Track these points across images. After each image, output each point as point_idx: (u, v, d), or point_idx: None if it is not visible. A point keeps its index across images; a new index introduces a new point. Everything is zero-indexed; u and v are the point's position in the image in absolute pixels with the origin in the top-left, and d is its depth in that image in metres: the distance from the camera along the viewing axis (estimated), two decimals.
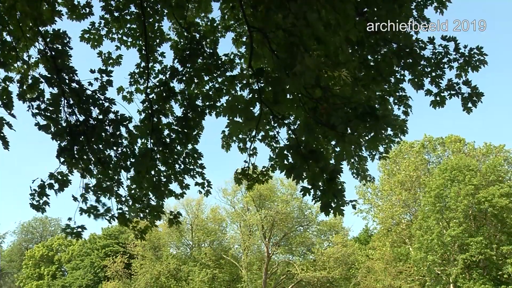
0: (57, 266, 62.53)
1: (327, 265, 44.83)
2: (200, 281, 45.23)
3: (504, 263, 33.60)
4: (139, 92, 8.34)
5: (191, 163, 7.66)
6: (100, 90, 6.99)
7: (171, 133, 7.41)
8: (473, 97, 7.83)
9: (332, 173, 5.80)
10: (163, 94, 7.86)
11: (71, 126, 6.36)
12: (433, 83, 8.09)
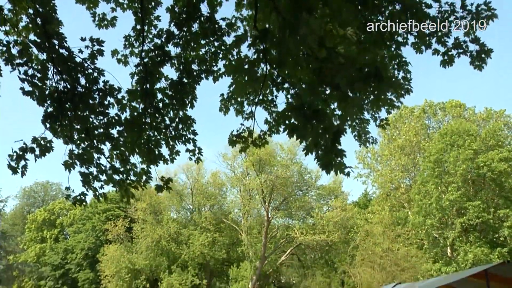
0: (59, 230, 63.24)
1: (326, 229, 45.26)
2: (200, 244, 45.77)
3: (501, 226, 33.91)
4: (134, 55, 8.15)
5: (183, 129, 7.52)
6: (90, 58, 6.82)
7: (164, 98, 7.26)
8: (482, 54, 7.64)
9: (336, 133, 5.82)
10: (158, 58, 7.69)
11: (59, 93, 6.20)
12: (439, 43, 7.90)
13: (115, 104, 6.80)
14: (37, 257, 58.84)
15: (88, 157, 6.68)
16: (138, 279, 47.12)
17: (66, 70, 6.27)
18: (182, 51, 8.12)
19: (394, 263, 36.23)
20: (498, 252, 32.04)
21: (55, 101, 6.18)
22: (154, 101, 7.11)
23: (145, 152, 6.98)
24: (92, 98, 6.51)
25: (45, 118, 6.24)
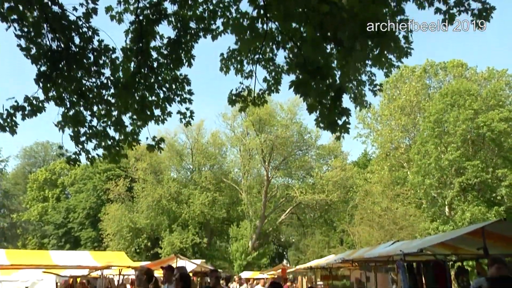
0: (60, 189, 63.77)
1: (325, 188, 45.61)
2: (200, 203, 46.20)
3: (498, 185, 34.14)
4: (129, 12, 7.96)
5: (178, 89, 7.40)
6: (84, 17, 6.64)
7: (159, 57, 7.11)
8: (484, 13, 7.44)
9: (338, 90, 5.79)
10: (154, 16, 7.50)
11: (52, 52, 6.06)
12: (440, 1, 7.69)
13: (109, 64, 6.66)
14: (39, 216, 59.55)
15: (81, 119, 6.60)
16: (139, 238, 47.77)
17: (60, 29, 6.12)
18: (179, 8, 7.93)
19: (392, 222, 36.63)
20: (495, 210, 32.36)
21: (49, 60, 6.05)
22: (149, 60, 6.97)
23: (138, 111, 6.88)
24: (86, 58, 6.37)
25: (38, 77, 6.12)
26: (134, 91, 6.72)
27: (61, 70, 6.10)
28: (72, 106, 6.54)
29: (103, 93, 6.70)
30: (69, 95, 6.45)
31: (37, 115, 6.40)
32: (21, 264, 13.00)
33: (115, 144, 7.08)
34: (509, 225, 8.84)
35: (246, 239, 46.57)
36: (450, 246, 10.34)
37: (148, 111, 7.00)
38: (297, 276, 35.29)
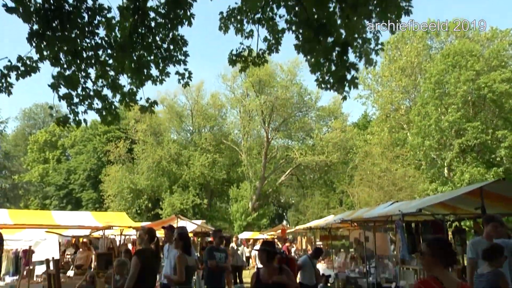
0: (61, 151, 63.91)
1: (325, 150, 45.72)
2: (200, 165, 46.40)
3: (498, 147, 34.19)
4: None
5: (175, 50, 7.26)
6: None
7: (157, 17, 6.95)
8: None
9: (344, 45, 5.76)
10: None
11: (45, 10, 5.90)
12: None
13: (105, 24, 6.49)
14: (40, 177, 59.90)
15: (75, 80, 6.49)
16: (140, 199, 48.19)
17: None
18: None
19: (391, 183, 36.85)
20: (494, 171, 32.52)
21: (42, 19, 5.89)
22: (146, 20, 6.81)
23: (134, 72, 6.77)
24: (80, 17, 6.21)
25: (30, 36, 5.98)
26: (131, 51, 6.60)
27: (54, 30, 5.95)
28: (68, 67, 6.42)
29: (98, 54, 6.57)
30: (64, 55, 6.32)
31: (31, 75, 6.28)
32: (24, 224, 13.12)
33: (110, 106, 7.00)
34: (508, 185, 8.87)
35: (246, 200, 46.97)
36: (448, 206, 10.42)
37: (146, 71, 6.90)
38: (296, 237, 35.76)
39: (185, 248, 7.65)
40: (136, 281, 6.87)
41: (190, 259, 7.64)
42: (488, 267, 5.53)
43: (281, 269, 6.02)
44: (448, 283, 3.65)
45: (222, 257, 9.39)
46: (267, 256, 6.00)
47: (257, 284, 5.98)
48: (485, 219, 6.77)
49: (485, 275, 5.48)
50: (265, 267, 6.07)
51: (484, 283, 5.46)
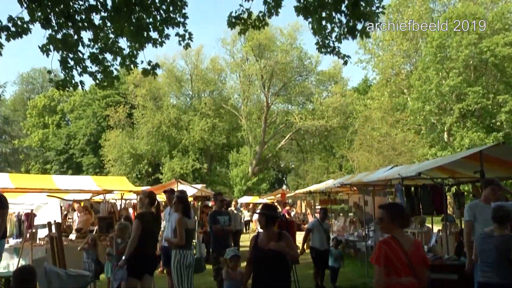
0: (60, 116, 63.80)
1: (325, 114, 45.65)
2: (200, 130, 46.38)
3: (498, 111, 34.06)
4: None
5: (173, 12, 7.10)
6: None
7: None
8: None
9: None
10: None
11: None
12: None
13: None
14: (40, 142, 59.97)
15: (68, 43, 6.36)
16: (140, 164, 48.39)
17: None
18: None
19: (391, 148, 36.92)
20: (494, 136, 32.51)
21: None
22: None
23: (133, 35, 6.64)
24: None
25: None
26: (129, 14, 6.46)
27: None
28: (59, 29, 6.29)
29: (91, 17, 6.43)
30: (56, 16, 6.17)
31: (23, 36, 6.16)
32: (25, 188, 13.16)
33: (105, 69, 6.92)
34: (507, 149, 8.87)
35: (246, 164, 47.15)
36: (447, 170, 10.44)
37: (145, 34, 6.78)
38: (296, 201, 36.05)
39: (184, 211, 7.67)
40: (137, 244, 6.94)
41: (190, 222, 7.69)
42: (498, 230, 5.51)
43: (281, 235, 5.74)
44: (404, 241, 4.33)
45: (226, 220, 9.41)
46: (266, 220, 5.76)
47: (255, 249, 5.74)
48: (484, 182, 6.79)
49: (495, 237, 5.46)
50: (264, 231, 5.82)
51: (492, 244, 5.44)
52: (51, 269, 5.45)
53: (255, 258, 5.71)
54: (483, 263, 5.54)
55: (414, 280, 4.22)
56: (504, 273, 5.33)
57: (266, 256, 5.53)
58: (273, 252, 5.45)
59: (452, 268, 7.51)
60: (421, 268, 4.33)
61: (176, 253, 7.45)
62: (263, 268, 5.59)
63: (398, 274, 4.22)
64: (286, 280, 5.67)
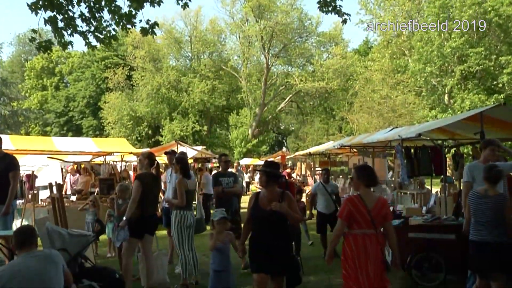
0: (59, 78, 63.35)
1: (325, 76, 45.33)
2: (200, 91, 46.16)
3: (501, 73, 33.77)
4: None
5: None
6: None
7: None
8: None
9: None
10: None
11: None
12: None
13: None
14: (40, 104, 59.77)
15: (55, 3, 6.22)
16: (140, 126, 48.39)
17: None
18: None
19: (391, 110, 36.85)
20: (495, 98, 32.33)
21: None
22: None
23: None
24: None
25: None
26: None
27: None
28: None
29: None
30: None
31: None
32: (26, 149, 13.17)
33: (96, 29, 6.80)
34: (508, 110, 8.80)
35: (246, 126, 47.16)
36: (448, 131, 10.41)
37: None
38: (296, 163, 36.22)
39: (184, 172, 7.71)
40: (138, 205, 7.00)
41: (190, 183, 7.72)
42: (491, 190, 5.58)
43: (283, 195, 5.42)
44: (368, 199, 4.98)
45: (230, 181, 9.07)
46: (267, 179, 5.44)
47: (254, 209, 5.46)
48: (483, 143, 6.79)
49: (490, 197, 5.54)
50: (266, 191, 5.50)
51: (488, 204, 5.53)
52: (53, 229, 5.51)
53: (255, 218, 5.48)
54: (478, 223, 5.64)
55: (374, 232, 4.93)
56: (498, 231, 5.46)
57: (267, 217, 5.30)
58: (274, 213, 5.21)
59: (450, 228, 7.58)
60: (382, 222, 5.03)
61: (177, 214, 7.52)
62: (263, 229, 5.39)
63: (360, 226, 4.94)
64: (286, 241, 5.52)
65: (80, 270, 5.11)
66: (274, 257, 5.32)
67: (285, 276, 5.62)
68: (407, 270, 7.71)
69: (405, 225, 8.12)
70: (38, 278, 4.17)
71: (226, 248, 6.25)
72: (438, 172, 10.51)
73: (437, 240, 7.57)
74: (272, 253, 5.31)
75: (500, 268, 5.47)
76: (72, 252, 5.27)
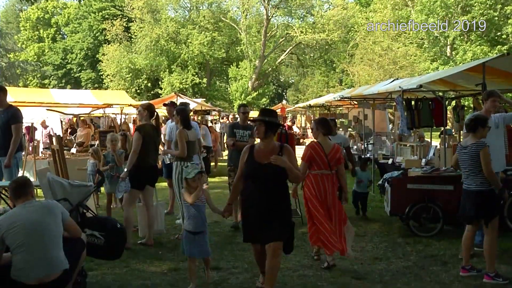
0: (55, 29, 62.35)
1: (326, 28, 44.59)
2: (199, 43, 45.55)
3: (505, 23, 33.23)
4: None
5: None
6: None
7: None
8: None
9: None
10: None
11: None
12: None
13: None
14: (37, 56, 59.07)
15: None
16: (139, 79, 48.03)
17: None
18: None
19: (392, 62, 36.53)
20: (498, 50, 32.01)
21: None
22: None
23: None
24: None
25: None
26: None
27: None
28: None
29: None
30: None
31: None
32: (24, 101, 13.12)
33: None
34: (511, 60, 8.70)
35: (246, 79, 46.84)
36: (449, 82, 10.34)
37: None
38: (295, 115, 36.18)
39: (184, 123, 7.70)
40: (139, 155, 7.02)
41: (190, 134, 7.72)
42: (471, 139, 5.64)
43: (282, 148, 4.88)
44: (325, 145, 5.98)
45: (246, 134, 8.43)
46: (265, 129, 4.81)
47: (249, 165, 4.84)
48: (486, 94, 6.76)
49: (468, 147, 5.61)
50: (262, 143, 4.94)
51: (466, 154, 5.62)
52: (54, 179, 5.53)
53: (248, 175, 4.85)
54: (463, 172, 5.86)
55: (330, 173, 5.93)
56: (480, 179, 5.59)
57: (263, 172, 4.69)
58: (272, 168, 4.62)
59: (448, 179, 7.64)
60: (336, 165, 5.98)
61: (177, 165, 7.56)
62: (259, 189, 4.72)
63: (319, 167, 5.92)
64: (285, 202, 4.94)
65: (81, 220, 5.16)
66: (271, 225, 4.68)
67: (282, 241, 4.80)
68: (405, 220, 7.83)
69: (404, 176, 8.19)
70: (36, 227, 4.23)
71: (203, 206, 5.34)
72: (438, 124, 10.51)
73: (435, 191, 7.65)
74: (269, 218, 4.70)
75: (484, 215, 5.61)
76: (73, 201, 5.31)
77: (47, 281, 4.21)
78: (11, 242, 4.19)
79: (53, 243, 4.31)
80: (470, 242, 5.89)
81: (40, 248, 4.20)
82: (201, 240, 5.28)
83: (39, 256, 4.19)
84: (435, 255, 6.72)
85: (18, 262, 4.18)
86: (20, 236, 4.18)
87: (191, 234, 5.26)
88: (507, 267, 6.10)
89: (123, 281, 5.69)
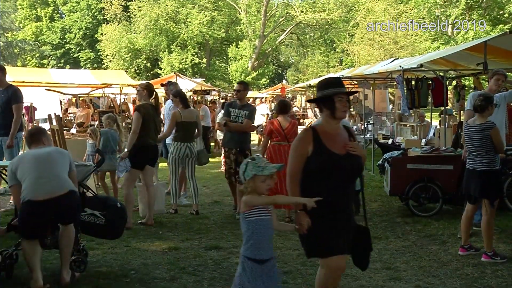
0: (53, 8, 61.72)
1: (326, 7, 44.21)
2: (199, 23, 45.19)
3: (508, 1, 32.86)
4: None
5: None
6: None
7: None
8: None
9: None
10: None
11: None
12: None
13: None
14: (35, 36, 58.49)
15: None
16: (138, 59, 47.79)
17: None
18: None
19: (393, 41, 36.29)
20: (500, 29, 31.69)
21: None
22: None
23: None
24: None
25: None
26: None
27: None
28: None
29: None
30: None
31: None
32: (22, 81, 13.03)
33: None
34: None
35: (246, 59, 46.62)
36: (450, 62, 10.29)
37: None
38: (295, 95, 36.10)
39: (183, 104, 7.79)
40: (139, 135, 7.02)
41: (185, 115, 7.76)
42: (479, 119, 5.61)
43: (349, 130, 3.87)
44: (283, 122, 7.51)
45: (242, 114, 7.65)
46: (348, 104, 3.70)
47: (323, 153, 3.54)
48: (491, 73, 6.76)
49: (477, 127, 5.58)
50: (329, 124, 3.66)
51: (474, 134, 5.59)
52: None
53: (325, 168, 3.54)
54: (469, 152, 5.80)
55: (287, 144, 7.16)
56: (486, 159, 5.56)
57: (350, 167, 3.57)
58: (357, 161, 3.56)
59: (448, 159, 7.65)
60: (293, 137, 6.43)
61: (171, 145, 7.72)
62: (343, 185, 3.60)
63: (278, 140, 7.50)
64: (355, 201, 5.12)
65: (82, 199, 5.17)
66: (350, 229, 3.73)
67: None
68: (405, 200, 7.85)
69: (404, 156, 8.19)
70: (44, 157, 4.65)
71: (269, 221, 3.47)
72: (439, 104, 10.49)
73: (435, 171, 7.66)
74: (349, 221, 3.74)
75: (489, 195, 5.59)
76: None
77: (53, 197, 4.45)
78: (21, 173, 4.53)
79: (60, 168, 4.68)
80: (469, 222, 5.92)
81: (47, 169, 4.57)
82: (269, 270, 3.43)
83: (46, 175, 4.52)
84: (434, 234, 6.76)
85: (26, 183, 4.49)
86: (29, 163, 4.58)
87: (256, 264, 3.38)
88: (505, 245, 6.16)
89: (123, 260, 5.73)
